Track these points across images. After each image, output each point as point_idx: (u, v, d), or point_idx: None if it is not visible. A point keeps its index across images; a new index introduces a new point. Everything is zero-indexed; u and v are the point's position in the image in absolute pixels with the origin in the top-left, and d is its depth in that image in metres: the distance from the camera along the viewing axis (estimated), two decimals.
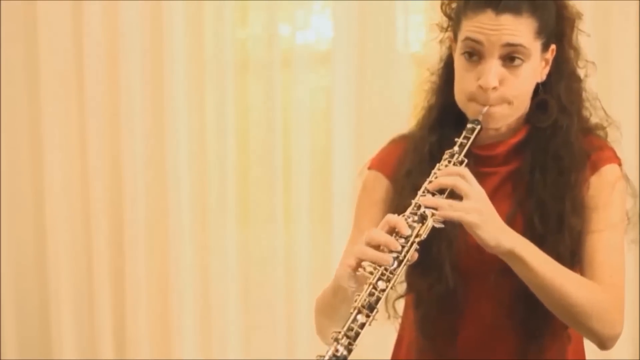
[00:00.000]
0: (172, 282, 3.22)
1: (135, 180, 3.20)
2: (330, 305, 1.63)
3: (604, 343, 1.66)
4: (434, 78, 1.79)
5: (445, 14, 1.74)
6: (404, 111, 2.84)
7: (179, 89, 3.16)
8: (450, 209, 1.53)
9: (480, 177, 1.62)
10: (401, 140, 1.83)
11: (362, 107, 3.13)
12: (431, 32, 1.80)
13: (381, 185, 1.79)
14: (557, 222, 1.66)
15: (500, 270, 1.64)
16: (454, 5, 1.72)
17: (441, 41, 1.77)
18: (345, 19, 3.09)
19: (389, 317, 1.82)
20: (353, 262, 1.51)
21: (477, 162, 1.69)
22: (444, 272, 1.68)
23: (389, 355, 1.92)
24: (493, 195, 1.64)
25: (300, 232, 3.16)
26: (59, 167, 3.23)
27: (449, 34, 1.73)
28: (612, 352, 3.09)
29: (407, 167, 1.74)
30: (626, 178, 1.75)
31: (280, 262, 3.19)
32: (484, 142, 1.70)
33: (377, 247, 1.50)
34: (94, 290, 3.26)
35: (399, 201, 1.70)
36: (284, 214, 3.16)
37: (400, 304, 1.85)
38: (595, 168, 1.71)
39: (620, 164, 1.75)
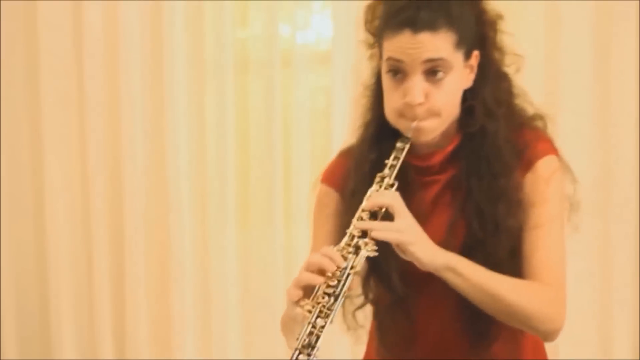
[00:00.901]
0: (172, 283, 3.23)
1: (135, 180, 3.20)
2: (286, 325, 1.66)
3: (546, 337, 1.70)
4: (368, 93, 1.83)
5: (370, 32, 1.77)
6: None
7: (179, 89, 3.16)
8: (383, 230, 1.59)
9: (421, 187, 1.70)
10: (347, 153, 1.89)
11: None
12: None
13: (332, 199, 1.85)
14: (493, 225, 1.70)
15: None
16: (376, 23, 1.75)
17: (371, 56, 1.81)
18: (345, 19, 3.09)
19: (348, 328, 1.86)
20: (293, 292, 1.58)
21: (417, 172, 1.75)
22: (393, 282, 1.74)
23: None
24: (435, 203, 1.71)
25: (300, 233, 3.16)
26: (59, 167, 3.24)
27: (376, 50, 1.77)
28: (612, 352, 3.11)
29: (351, 187, 1.79)
30: (564, 165, 1.77)
31: (280, 263, 3.19)
32: (421, 151, 1.75)
33: (318, 272, 1.57)
34: (94, 290, 3.26)
35: (347, 219, 1.73)
36: (284, 214, 3.16)
37: (363, 313, 1.89)
38: (529, 165, 1.73)
39: (557, 154, 1.77)
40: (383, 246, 1.61)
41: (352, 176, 1.79)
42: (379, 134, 1.76)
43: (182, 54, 3.16)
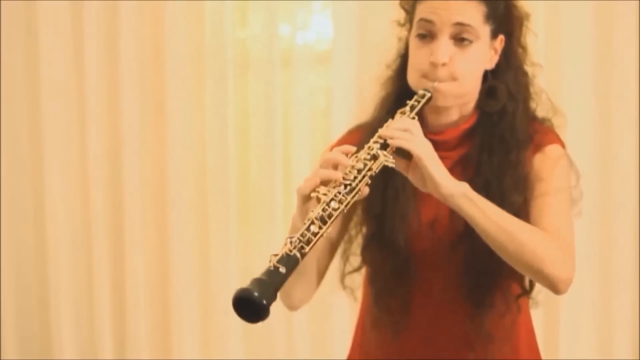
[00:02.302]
0: (172, 282, 3.23)
1: (135, 180, 3.20)
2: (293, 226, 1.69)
3: (556, 286, 1.68)
4: (389, 71, 1.90)
5: (403, 9, 1.84)
6: None
7: (179, 89, 3.16)
8: (404, 139, 1.61)
9: None
10: (358, 130, 1.92)
11: (362, 107, 3.12)
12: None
13: None
14: (499, 198, 1.72)
15: (449, 245, 1.76)
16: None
17: (399, 39, 1.88)
18: (345, 19, 3.09)
19: (343, 288, 1.92)
20: (306, 183, 1.60)
21: None
22: (398, 247, 1.77)
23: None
24: None
25: None
26: (59, 168, 3.24)
27: (407, 26, 1.84)
28: (612, 352, 3.11)
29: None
30: (570, 159, 1.83)
31: None
32: (437, 129, 1.80)
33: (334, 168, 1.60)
34: (94, 290, 3.26)
35: None
36: (284, 214, 3.16)
37: (356, 280, 1.93)
38: (539, 147, 1.79)
39: (563, 146, 1.82)
40: (393, 209, 1.64)
41: (365, 139, 1.77)
42: (398, 107, 1.77)
43: (182, 53, 3.16)
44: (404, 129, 1.63)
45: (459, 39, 1.73)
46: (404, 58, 1.84)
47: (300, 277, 1.68)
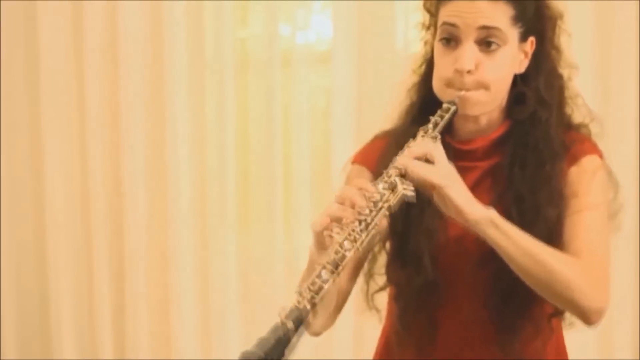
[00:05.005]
0: (172, 282, 3.22)
1: (136, 180, 3.20)
2: (309, 264, 1.63)
3: (588, 317, 1.60)
4: (415, 76, 1.80)
5: (428, 11, 1.74)
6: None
7: (179, 89, 3.16)
8: (422, 170, 1.53)
9: (460, 172, 1.62)
10: (384, 137, 1.83)
11: (362, 107, 3.13)
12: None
13: (365, 175, 1.79)
14: (533, 214, 1.65)
15: (477, 262, 1.67)
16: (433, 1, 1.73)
17: (425, 42, 1.78)
18: (345, 19, 3.09)
19: (369, 308, 1.83)
20: (322, 220, 1.51)
21: (457, 156, 1.68)
22: (423, 264, 1.68)
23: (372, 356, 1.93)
24: (472, 190, 1.63)
25: (300, 232, 3.16)
26: (59, 167, 3.23)
27: (431, 30, 1.74)
28: (612, 352, 3.11)
29: (389, 159, 1.70)
30: (608, 170, 1.74)
31: (280, 262, 3.19)
32: (464, 137, 1.72)
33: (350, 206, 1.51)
34: (94, 290, 3.26)
35: None
36: (284, 214, 3.16)
37: (382, 298, 1.85)
38: (574, 159, 1.70)
39: (601, 156, 1.74)
40: (418, 226, 1.57)
41: (390, 150, 1.71)
42: (423, 115, 1.70)
43: (182, 53, 3.16)
44: (423, 155, 1.55)
45: (486, 43, 1.63)
46: (429, 63, 1.74)
47: (320, 306, 1.55)
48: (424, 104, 1.74)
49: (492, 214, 1.55)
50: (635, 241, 3.00)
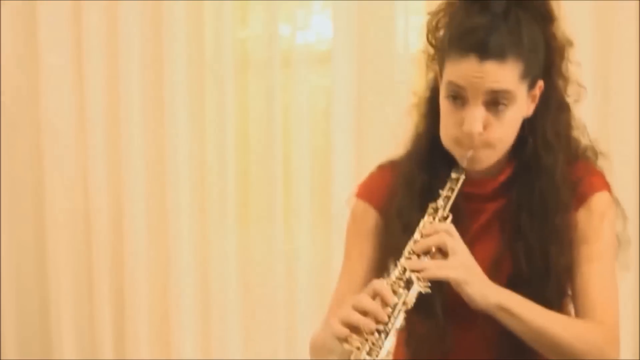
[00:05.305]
0: (171, 282, 3.22)
1: (135, 180, 3.19)
2: (321, 350, 1.64)
3: None
4: (421, 108, 1.76)
5: (431, 44, 1.70)
6: (404, 111, 2.84)
7: (179, 89, 3.16)
8: (436, 269, 1.53)
9: (468, 214, 1.63)
10: (389, 167, 1.80)
11: (362, 107, 3.12)
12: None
13: (370, 217, 1.77)
14: (543, 265, 1.65)
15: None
16: (439, 35, 1.67)
17: (428, 67, 1.74)
18: (345, 19, 3.09)
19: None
20: (340, 328, 1.50)
21: (465, 199, 1.67)
22: (435, 310, 1.66)
23: None
24: (481, 233, 1.65)
25: (300, 232, 3.16)
26: (59, 167, 3.23)
27: (435, 63, 1.70)
28: None
29: (397, 206, 1.71)
30: (616, 202, 1.74)
31: (280, 262, 3.19)
32: (471, 177, 1.68)
33: (363, 313, 1.50)
34: (94, 290, 3.26)
35: (389, 240, 1.69)
36: (284, 214, 3.16)
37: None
38: (583, 199, 1.69)
39: (609, 190, 1.73)
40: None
41: (398, 194, 1.72)
42: (431, 151, 1.70)
43: (182, 54, 3.15)
44: (436, 247, 1.54)
45: (494, 104, 1.58)
46: (435, 96, 1.69)
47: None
48: (432, 138, 1.71)
49: (503, 299, 1.56)
50: (635, 242, 2.99)
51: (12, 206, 3.29)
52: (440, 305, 1.66)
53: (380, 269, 1.70)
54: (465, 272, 1.55)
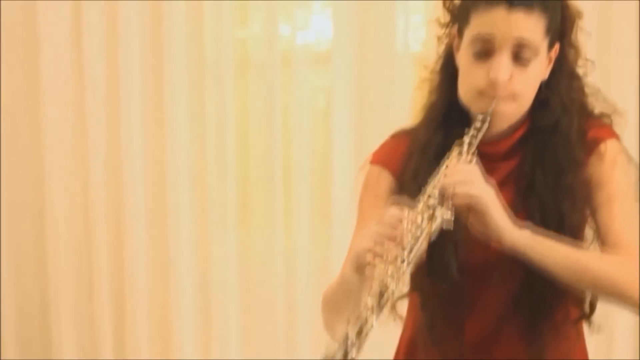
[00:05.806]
0: (172, 282, 3.23)
1: (135, 180, 3.20)
2: (336, 298, 1.64)
3: (638, 306, 1.62)
4: (434, 76, 1.78)
5: (448, 10, 1.73)
6: (404, 111, 2.84)
7: (179, 89, 3.16)
8: (465, 186, 1.53)
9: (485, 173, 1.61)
10: (403, 136, 1.81)
11: (362, 107, 3.13)
12: (431, 30, 1.80)
13: (385, 180, 1.78)
14: (557, 222, 1.65)
15: (504, 267, 1.66)
16: (457, 1, 1.71)
17: (439, 38, 1.76)
18: (345, 19, 3.09)
19: (394, 319, 1.79)
20: (365, 252, 1.51)
21: (479, 158, 1.66)
22: (450, 271, 1.67)
23: (392, 356, 1.91)
24: (495, 191, 1.63)
25: (300, 232, 3.16)
26: (59, 167, 3.23)
27: (450, 30, 1.73)
28: (612, 352, 3.10)
29: (413, 169, 1.72)
30: (626, 152, 1.75)
31: (280, 262, 3.19)
32: (485, 138, 1.68)
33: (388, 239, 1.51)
34: (94, 290, 3.26)
35: (404, 201, 1.66)
36: (284, 214, 3.16)
37: (403, 305, 1.83)
38: (592, 148, 1.71)
39: (618, 139, 1.75)
40: (445, 232, 1.56)
41: (414, 158, 1.72)
42: (446, 117, 1.71)
43: (182, 54, 3.16)
44: (462, 182, 1.54)
45: (519, 56, 1.62)
46: (448, 64, 1.72)
47: (346, 313, 1.57)
48: (447, 106, 1.73)
49: (530, 234, 1.57)
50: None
51: (12, 206, 3.29)
52: (455, 264, 1.66)
53: None
54: (493, 199, 1.55)
